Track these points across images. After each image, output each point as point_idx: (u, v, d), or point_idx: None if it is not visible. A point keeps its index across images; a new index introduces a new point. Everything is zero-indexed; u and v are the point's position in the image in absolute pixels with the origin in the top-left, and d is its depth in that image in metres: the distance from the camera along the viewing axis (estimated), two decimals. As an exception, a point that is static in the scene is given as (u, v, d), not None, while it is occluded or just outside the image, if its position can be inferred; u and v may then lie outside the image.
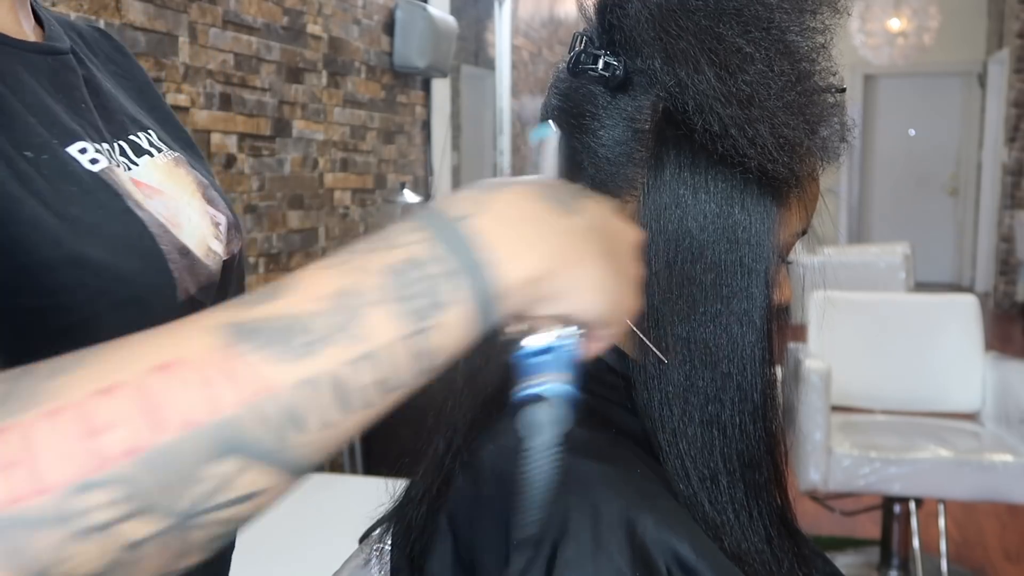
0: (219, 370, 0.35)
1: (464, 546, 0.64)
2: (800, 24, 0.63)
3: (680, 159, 0.64)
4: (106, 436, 0.33)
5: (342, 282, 0.38)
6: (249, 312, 0.37)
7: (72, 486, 0.32)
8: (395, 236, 0.40)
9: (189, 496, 0.34)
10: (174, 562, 0.35)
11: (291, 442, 0.36)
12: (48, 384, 0.33)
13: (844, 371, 2.72)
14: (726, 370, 0.64)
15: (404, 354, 0.38)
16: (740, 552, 0.65)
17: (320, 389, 0.36)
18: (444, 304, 0.39)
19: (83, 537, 0.32)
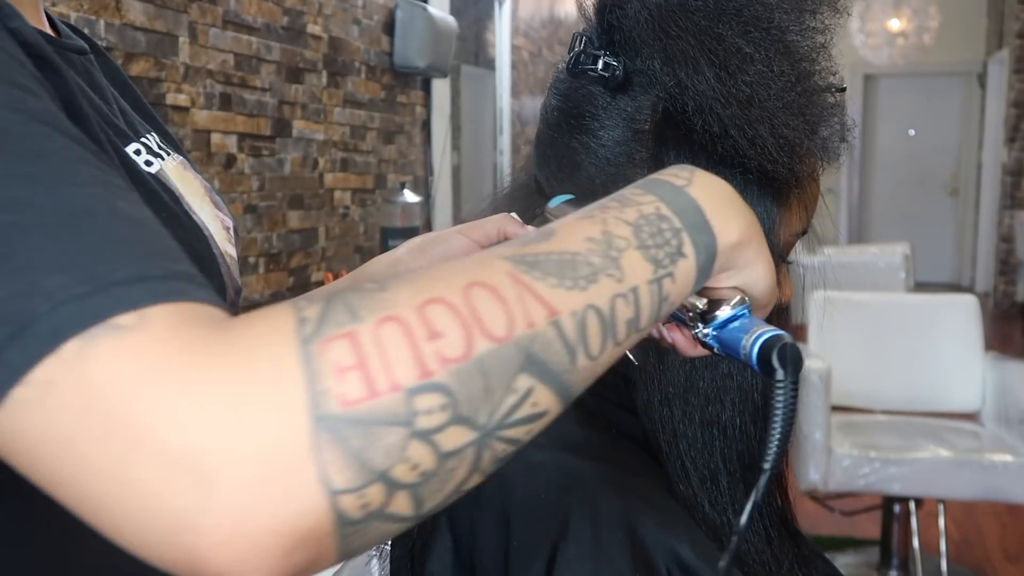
0: (516, 293, 0.37)
1: (464, 546, 0.64)
2: (800, 24, 0.63)
3: (680, 159, 0.64)
4: (434, 344, 0.34)
5: (599, 229, 0.42)
6: (528, 249, 0.40)
7: (408, 389, 0.33)
8: (628, 197, 0.45)
9: (493, 409, 0.35)
10: (464, 482, 0.36)
11: (570, 367, 0.38)
12: (378, 296, 0.35)
13: (844, 371, 2.72)
14: (726, 371, 0.64)
15: (648, 296, 0.42)
16: (740, 552, 0.65)
17: (590, 319, 0.39)
18: (677, 256, 0.44)
19: (420, 440, 0.33)
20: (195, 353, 0.32)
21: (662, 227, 0.44)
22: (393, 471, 0.33)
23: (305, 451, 0.31)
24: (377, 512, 0.33)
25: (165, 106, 2.21)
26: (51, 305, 0.32)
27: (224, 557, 0.31)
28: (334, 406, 0.32)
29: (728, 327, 0.49)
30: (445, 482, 0.35)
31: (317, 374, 0.32)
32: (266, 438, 0.31)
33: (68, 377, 0.31)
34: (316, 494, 0.31)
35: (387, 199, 3.22)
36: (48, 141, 0.37)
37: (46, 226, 0.34)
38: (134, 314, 0.32)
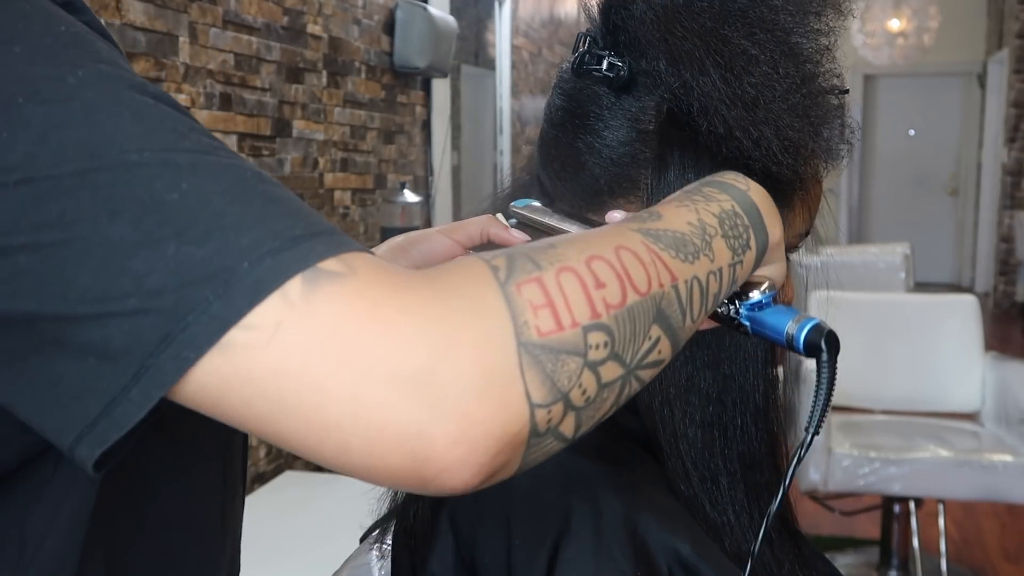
0: (651, 258, 0.45)
1: (465, 545, 0.64)
2: (805, 26, 0.63)
3: (684, 160, 0.64)
4: (600, 292, 0.41)
5: (697, 217, 0.51)
6: (649, 224, 0.48)
7: (584, 326, 0.40)
8: (708, 193, 0.54)
9: (636, 350, 0.43)
10: (607, 412, 0.43)
11: (682, 324, 0.46)
12: (551, 251, 0.42)
13: (844, 371, 2.70)
14: (727, 371, 0.64)
15: (727, 276, 0.51)
16: (741, 553, 0.65)
17: (695, 288, 0.47)
18: (746, 248, 0.53)
19: (589, 369, 0.40)
20: (410, 293, 0.37)
21: (737, 223, 0.53)
22: (571, 393, 0.39)
23: (515, 370, 0.37)
24: (554, 429, 0.39)
25: (165, 106, 2.22)
26: (251, 260, 0.35)
27: (450, 456, 0.36)
28: (533, 335, 0.38)
29: (760, 310, 0.56)
30: (598, 410, 0.41)
31: (518, 309, 0.38)
32: (484, 358, 0.37)
33: (299, 317, 0.35)
34: (522, 405, 0.37)
35: (387, 199, 3.22)
36: (180, 121, 0.40)
37: (219, 192, 0.37)
38: (338, 262, 0.37)
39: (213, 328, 0.35)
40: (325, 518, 2.08)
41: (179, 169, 0.37)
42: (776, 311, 0.55)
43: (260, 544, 1.96)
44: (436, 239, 0.72)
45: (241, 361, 0.35)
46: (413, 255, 0.72)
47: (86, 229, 0.35)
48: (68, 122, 0.37)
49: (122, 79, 0.40)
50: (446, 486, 0.37)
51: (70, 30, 0.41)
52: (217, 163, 0.39)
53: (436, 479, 0.37)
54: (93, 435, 0.35)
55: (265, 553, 1.91)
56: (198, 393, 0.36)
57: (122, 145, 0.37)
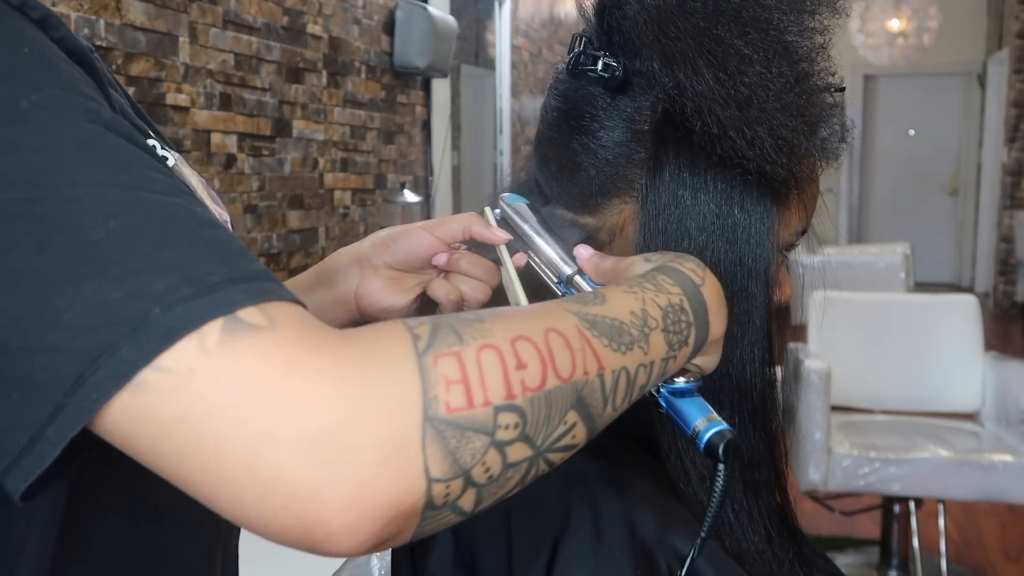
0: (580, 344, 0.45)
1: (465, 544, 0.64)
2: (799, 25, 0.63)
3: (679, 160, 0.64)
4: (520, 373, 0.41)
5: (642, 307, 0.51)
6: (590, 308, 0.48)
7: (497, 406, 0.40)
8: (661, 283, 0.54)
9: (548, 434, 0.42)
10: (511, 490, 0.42)
11: (602, 412, 0.46)
12: (478, 325, 0.42)
13: (844, 371, 2.72)
14: (724, 370, 0.64)
15: (658, 369, 0.51)
16: (741, 551, 0.65)
17: (621, 378, 0.47)
18: (683, 344, 0.53)
19: (495, 449, 0.40)
20: (327, 354, 0.37)
21: (681, 318, 0.53)
22: (474, 470, 0.39)
23: (416, 443, 0.37)
24: (452, 503, 0.39)
25: (165, 106, 2.21)
26: (162, 307, 0.36)
27: (340, 522, 0.36)
28: (441, 410, 0.38)
29: (680, 396, 0.57)
30: (501, 487, 0.41)
31: (430, 382, 0.38)
32: (387, 428, 0.37)
33: (212, 366, 0.36)
34: (420, 478, 0.37)
35: (387, 199, 3.22)
36: (125, 152, 0.41)
37: (145, 233, 0.38)
38: (259, 312, 0.37)
39: (121, 371, 0.35)
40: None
41: (111, 206, 0.38)
42: (693, 403, 0.56)
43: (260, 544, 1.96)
44: (418, 235, 0.73)
45: (151, 402, 0.36)
46: (395, 251, 0.73)
47: (16, 260, 0.36)
48: (15, 146, 0.38)
49: (76, 105, 0.40)
50: (334, 550, 0.37)
51: (34, 51, 0.41)
52: (152, 201, 0.39)
53: (325, 542, 0.37)
54: (19, 469, 0.36)
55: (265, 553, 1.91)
56: (111, 430, 0.37)
57: (63, 175, 0.38)
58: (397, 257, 0.73)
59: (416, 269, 0.73)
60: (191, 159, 2.32)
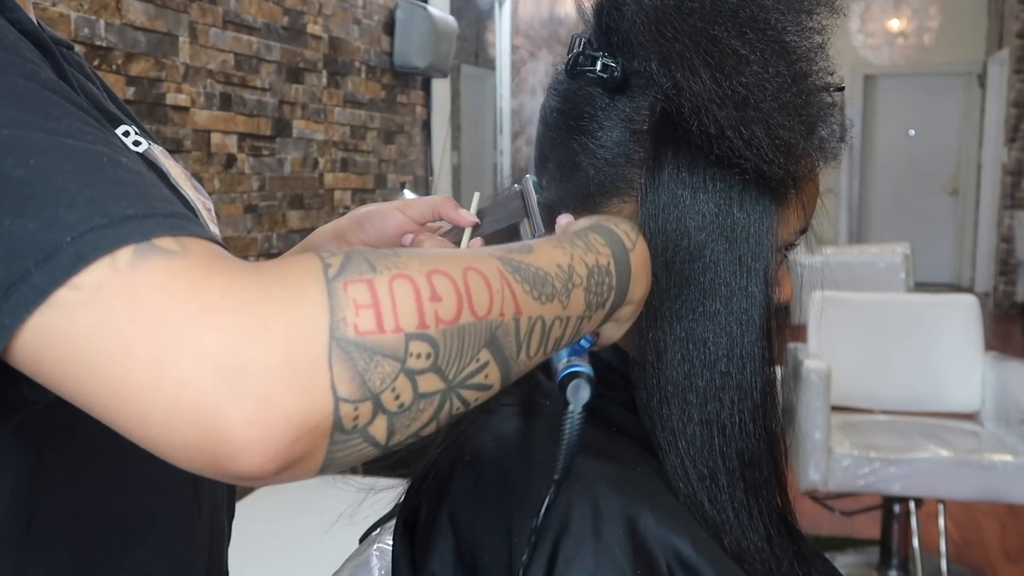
0: (500, 286, 0.45)
1: (465, 544, 0.64)
2: (797, 24, 0.63)
3: (678, 159, 0.64)
4: (434, 304, 0.41)
5: (567, 261, 0.51)
6: (516, 255, 0.48)
7: (408, 333, 0.40)
8: (593, 241, 0.55)
9: (460, 369, 0.43)
10: (425, 426, 0.43)
11: (515, 357, 0.46)
12: (393, 257, 0.42)
13: (844, 371, 2.72)
14: (725, 369, 0.64)
15: (572, 326, 0.51)
16: (740, 551, 0.65)
17: (537, 327, 0.47)
18: (599, 307, 0.53)
19: (406, 376, 0.40)
20: (235, 277, 0.38)
21: (604, 280, 0.54)
22: (383, 395, 0.39)
23: (322, 360, 0.38)
24: (363, 429, 0.39)
25: (165, 106, 2.22)
26: (74, 235, 0.37)
27: (244, 436, 0.36)
28: (349, 331, 0.38)
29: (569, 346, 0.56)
30: (414, 419, 0.41)
31: (338, 305, 0.39)
32: (291, 345, 0.37)
33: (121, 283, 0.37)
34: (325, 395, 0.37)
35: (387, 199, 3.22)
36: (59, 107, 0.42)
37: (64, 172, 0.39)
38: (174, 241, 0.38)
39: (31, 297, 0.37)
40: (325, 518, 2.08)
41: (33, 147, 0.39)
42: (576, 348, 0.56)
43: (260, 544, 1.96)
44: (390, 214, 0.75)
45: (60, 320, 0.37)
46: (368, 229, 0.75)
47: None
48: None
49: (12, 63, 0.43)
50: (240, 468, 0.37)
51: None
52: (75, 146, 0.40)
53: (229, 459, 0.37)
54: None
55: (265, 553, 1.91)
56: (22, 354, 0.38)
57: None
58: (370, 235, 0.75)
59: (388, 246, 0.75)
60: (191, 159, 2.32)
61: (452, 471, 0.67)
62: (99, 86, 0.67)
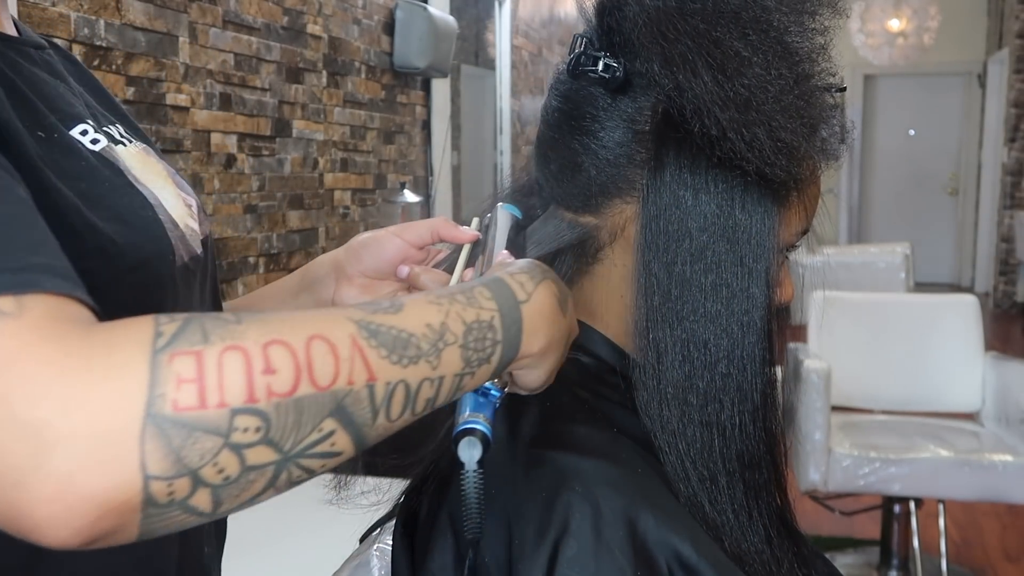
0: (350, 354, 0.44)
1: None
2: (799, 26, 0.63)
3: (680, 160, 0.64)
4: (267, 377, 0.41)
5: (440, 320, 0.49)
6: (378, 317, 0.47)
7: (234, 408, 0.39)
8: (476, 296, 0.53)
9: (299, 440, 0.42)
10: (261, 493, 0.42)
11: (370, 423, 0.45)
12: (231, 326, 0.41)
13: (844, 371, 2.72)
14: (725, 370, 0.64)
15: (450, 384, 0.50)
16: (740, 552, 0.65)
17: (398, 391, 0.46)
18: (484, 362, 0.52)
19: (231, 450, 0.40)
20: (60, 346, 0.38)
21: (487, 336, 0.52)
22: (202, 471, 0.39)
23: (132, 438, 0.37)
24: (181, 502, 0.39)
25: (165, 106, 2.21)
26: None
27: (44, 513, 0.36)
28: (167, 408, 0.38)
29: (478, 395, 0.56)
30: (244, 490, 0.41)
31: (159, 380, 0.38)
32: (102, 422, 0.37)
33: None
34: (132, 474, 0.37)
35: (387, 199, 3.22)
36: None
37: None
38: (13, 301, 0.38)
39: None
40: (325, 518, 2.08)
41: None
42: (480, 402, 0.56)
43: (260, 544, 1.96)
44: (387, 241, 0.74)
45: None
46: (365, 259, 0.75)
47: None
48: None
49: None
50: (44, 540, 0.37)
51: None
52: None
53: (32, 532, 0.37)
54: None
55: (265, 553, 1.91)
56: None
57: None
58: (367, 265, 0.75)
59: (388, 275, 0.75)
60: (191, 159, 2.32)
61: (452, 472, 0.67)
62: (76, 85, 0.68)
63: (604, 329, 0.71)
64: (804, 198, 0.67)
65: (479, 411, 0.55)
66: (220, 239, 2.46)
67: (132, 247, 0.58)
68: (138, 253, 0.59)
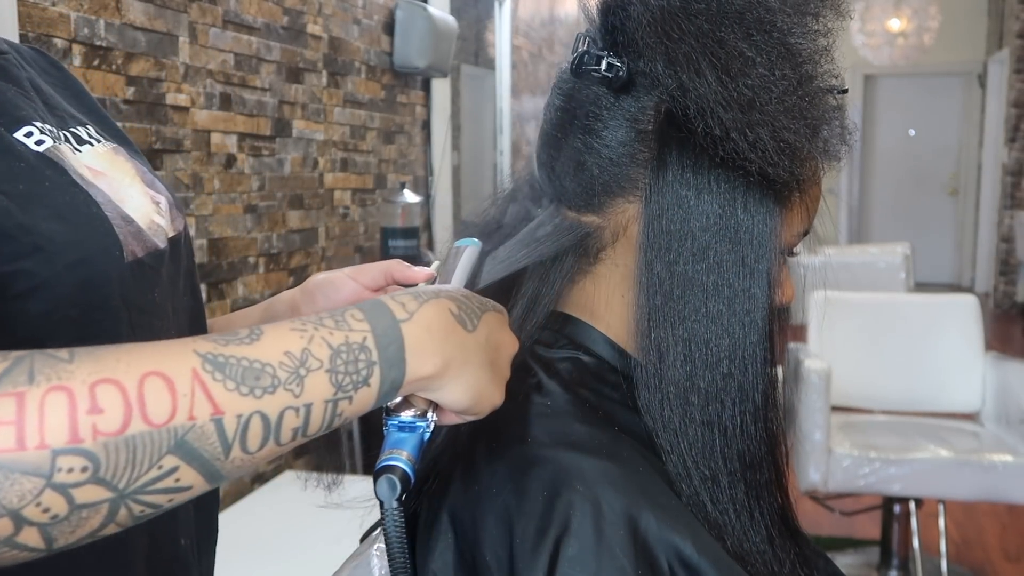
0: (190, 389, 0.43)
1: (466, 543, 0.64)
2: (802, 27, 0.63)
3: (683, 160, 0.64)
4: (92, 417, 0.41)
5: (302, 346, 0.48)
6: (229, 348, 0.46)
7: (56, 449, 0.40)
8: (346, 319, 0.51)
9: (135, 478, 0.42)
10: (100, 529, 0.42)
11: (222, 457, 0.45)
12: (60, 365, 0.41)
13: (844, 371, 2.72)
14: (727, 370, 0.64)
15: (320, 411, 0.48)
16: (742, 552, 0.65)
17: (254, 422, 0.45)
18: (361, 384, 0.50)
19: (55, 490, 0.40)
20: None
21: (360, 357, 0.50)
22: (24, 510, 0.39)
23: None
24: (7, 539, 0.40)
25: (165, 106, 2.22)
26: None
27: None
28: None
29: (402, 430, 0.56)
30: (78, 526, 0.41)
31: None
32: None
33: None
34: None
35: (387, 199, 3.22)
36: None
37: None
38: None
39: None
40: (325, 518, 2.08)
41: None
42: (402, 437, 0.55)
43: (260, 544, 1.96)
44: (341, 283, 0.75)
45: None
46: (320, 300, 0.76)
47: None
48: None
49: None
50: None
51: None
52: None
53: None
54: None
55: (265, 553, 1.91)
56: None
57: None
58: (321, 306, 0.75)
59: None
60: (191, 159, 2.32)
61: (453, 471, 0.67)
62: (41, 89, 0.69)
63: (605, 329, 0.71)
64: (806, 199, 0.68)
65: (400, 447, 0.54)
66: (220, 239, 2.46)
67: (71, 244, 0.59)
68: (78, 250, 0.59)
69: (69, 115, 0.72)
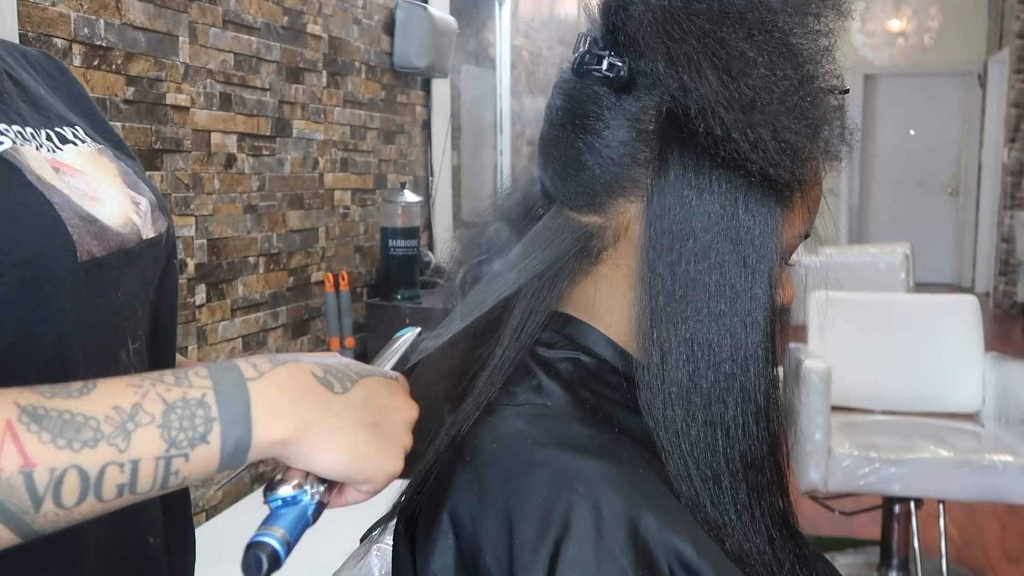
0: (1, 438, 0.43)
1: (466, 544, 0.64)
2: (804, 27, 0.63)
3: (684, 160, 0.64)
4: None
5: (132, 402, 0.47)
6: (51, 401, 0.45)
7: None
8: (188, 377, 0.50)
9: None
10: None
11: (32, 511, 0.44)
12: None
13: (844, 371, 2.72)
14: (729, 371, 0.64)
15: (151, 468, 0.47)
16: (742, 553, 0.65)
17: (70, 476, 0.44)
18: (199, 441, 0.48)
19: None
20: None
21: (197, 413, 0.48)
22: None
23: None
24: None
25: (165, 106, 2.21)
26: None
27: None
28: None
29: (285, 505, 0.54)
30: None
31: None
32: None
33: None
34: None
35: (387, 199, 3.21)
36: None
37: None
38: None
39: None
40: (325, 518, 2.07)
41: None
42: (280, 512, 0.53)
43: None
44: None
45: None
46: None
47: None
48: None
49: None
50: None
51: None
52: None
53: None
54: None
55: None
56: None
57: None
58: None
59: None
60: (191, 159, 2.32)
61: (453, 471, 0.67)
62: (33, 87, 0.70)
63: (606, 329, 0.71)
64: (807, 199, 0.67)
65: (276, 522, 0.52)
66: (220, 239, 2.46)
67: (17, 243, 0.59)
68: (24, 249, 0.60)
69: (57, 115, 0.73)
